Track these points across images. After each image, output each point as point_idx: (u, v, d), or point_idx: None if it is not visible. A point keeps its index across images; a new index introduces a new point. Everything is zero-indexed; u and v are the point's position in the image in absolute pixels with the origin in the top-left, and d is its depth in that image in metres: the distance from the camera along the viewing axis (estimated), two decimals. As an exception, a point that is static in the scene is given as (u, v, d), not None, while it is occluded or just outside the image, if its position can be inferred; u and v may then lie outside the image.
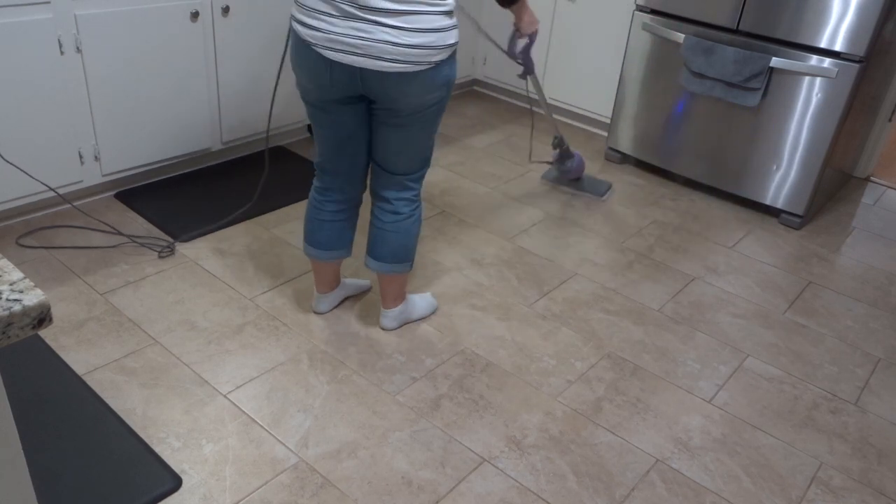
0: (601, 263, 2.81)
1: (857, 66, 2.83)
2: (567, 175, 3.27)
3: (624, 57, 3.44)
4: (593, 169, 3.57)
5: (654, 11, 3.27)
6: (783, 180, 3.14)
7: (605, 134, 3.95)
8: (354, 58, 1.80)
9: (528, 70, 2.74)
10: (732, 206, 3.34)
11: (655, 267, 2.83)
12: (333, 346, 2.26)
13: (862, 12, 2.75)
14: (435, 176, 3.34)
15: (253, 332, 2.28)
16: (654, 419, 2.10)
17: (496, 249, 2.83)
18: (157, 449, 1.85)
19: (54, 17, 2.44)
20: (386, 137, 2.01)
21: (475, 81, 4.42)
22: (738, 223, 3.20)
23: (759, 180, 3.20)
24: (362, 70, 1.83)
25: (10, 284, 0.82)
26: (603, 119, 3.86)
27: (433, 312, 2.44)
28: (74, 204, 2.82)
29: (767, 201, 3.22)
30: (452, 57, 1.88)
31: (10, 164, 2.49)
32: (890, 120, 3.60)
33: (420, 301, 2.40)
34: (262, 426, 1.95)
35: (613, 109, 3.57)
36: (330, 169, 2.13)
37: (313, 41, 1.83)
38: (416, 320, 2.39)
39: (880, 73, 3.20)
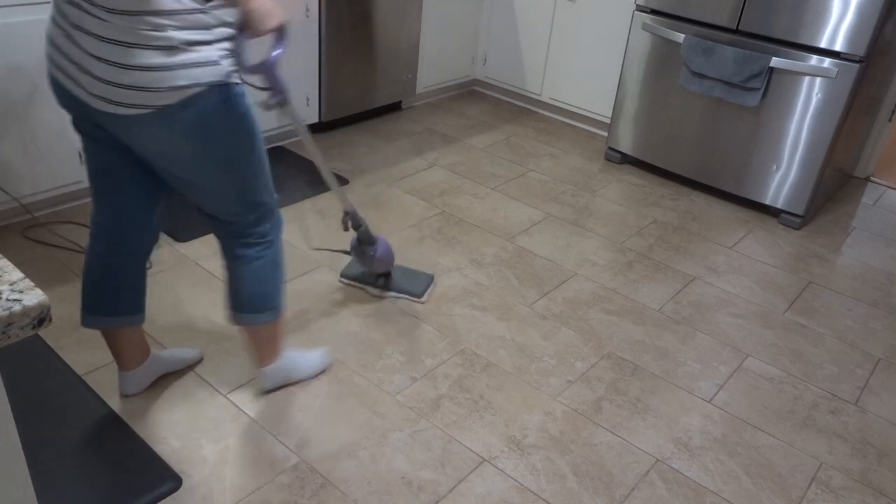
0: (601, 263, 2.81)
1: (857, 66, 2.83)
2: (371, 268, 2.42)
3: (624, 57, 3.44)
4: (593, 169, 3.57)
5: (654, 11, 3.27)
6: (783, 180, 3.14)
7: (605, 134, 3.95)
8: (71, 84, 1.50)
9: (279, 95, 1.78)
10: (732, 206, 3.34)
11: (655, 267, 2.83)
12: (334, 345, 2.26)
13: (862, 12, 2.75)
14: (435, 176, 3.35)
15: (253, 332, 2.28)
16: (654, 419, 2.10)
17: (496, 249, 2.83)
18: (157, 449, 1.85)
19: (54, 17, 2.44)
20: (171, 180, 1.65)
21: (475, 81, 4.42)
22: (738, 223, 3.20)
23: (759, 180, 3.20)
24: (81, 101, 1.51)
25: (10, 284, 0.82)
26: (603, 119, 3.86)
27: (323, 371, 2.14)
28: (74, 204, 2.82)
29: (767, 201, 3.22)
30: (202, 98, 1.47)
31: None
32: (890, 120, 3.60)
33: (305, 358, 2.10)
34: (262, 426, 1.95)
35: (613, 109, 3.57)
36: (94, 213, 1.78)
37: (47, 49, 1.54)
38: (298, 381, 2.10)
39: (880, 73, 3.20)
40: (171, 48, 1.42)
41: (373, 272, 2.46)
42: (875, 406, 2.24)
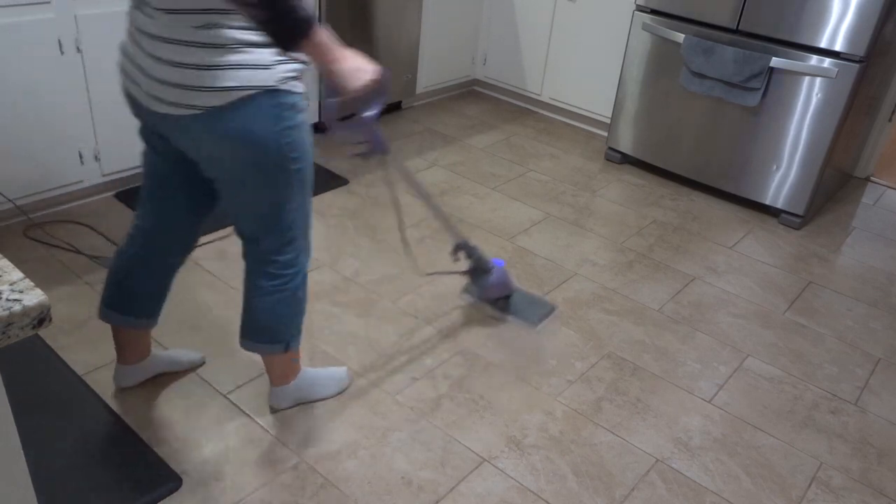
0: (601, 263, 2.81)
1: (857, 66, 2.83)
2: (487, 294, 2.38)
3: (624, 57, 3.44)
4: (593, 169, 3.57)
5: (654, 11, 3.27)
6: (783, 180, 3.14)
7: (605, 134, 3.95)
8: (136, 89, 1.51)
9: (379, 149, 1.75)
10: (732, 206, 3.34)
11: (655, 267, 2.83)
12: (333, 346, 2.26)
13: (862, 12, 2.75)
14: (435, 176, 3.35)
15: (253, 332, 2.28)
16: (654, 419, 2.10)
17: (496, 249, 2.83)
18: (157, 449, 1.85)
19: (55, 17, 2.44)
20: (218, 190, 1.65)
21: (475, 81, 4.42)
22: (738, 223, 3.21)
23: (759, 180, 3.20)
24: (145, 108, 1.51)
25: (10, 284, 0.82)
26: (603, 119, 3.86)
27: (342, 391, 2.08)
28: (74, 204, 2.82)
29: (767, 201, 3.22)
30: (251, 102, 1.43)
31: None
32: (890, 120, 3.60)
33: (323, 378, 2.04)
34: (262, 426, 1.95)
35: (613, 109, 3.57)
36: (138, 217, 1.79)
37: (120, 60, 1.57)
38: (316, 400, 2.04)
39: (880, 73, 3.20)
40: (221, 46, 1.39)
41: (489, 296, 2.39)
42: (875, 406, 2.24)
